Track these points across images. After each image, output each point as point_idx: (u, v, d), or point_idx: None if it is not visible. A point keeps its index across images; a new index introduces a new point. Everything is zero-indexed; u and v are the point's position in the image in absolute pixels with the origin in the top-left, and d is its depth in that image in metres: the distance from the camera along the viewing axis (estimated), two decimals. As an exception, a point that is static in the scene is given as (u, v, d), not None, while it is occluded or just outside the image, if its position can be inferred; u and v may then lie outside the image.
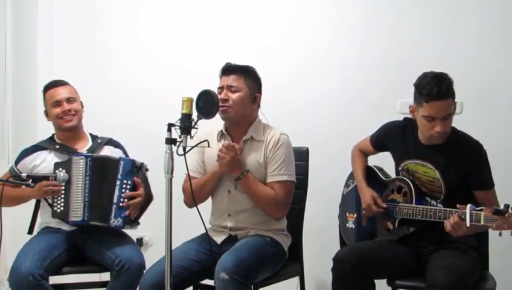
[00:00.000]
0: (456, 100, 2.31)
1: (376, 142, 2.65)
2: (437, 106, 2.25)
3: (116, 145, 2.83)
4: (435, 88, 2.23)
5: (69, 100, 2.71)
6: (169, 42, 3.61)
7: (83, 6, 3.75)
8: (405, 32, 3.20)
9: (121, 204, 2.54)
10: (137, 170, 2.63)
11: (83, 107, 2.80)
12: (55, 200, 2.56)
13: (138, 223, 2.69)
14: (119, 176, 2.57)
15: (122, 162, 2.60)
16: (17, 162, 2.72)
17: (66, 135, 2.74)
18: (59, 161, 2.64)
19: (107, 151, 2.76)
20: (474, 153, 2.35)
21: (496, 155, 2.41)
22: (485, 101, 3.01)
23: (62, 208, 2.55)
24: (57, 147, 2.72)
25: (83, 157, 2.59)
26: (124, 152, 2.82)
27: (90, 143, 2.78)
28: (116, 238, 2.62)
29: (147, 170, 2.70)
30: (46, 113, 2.76)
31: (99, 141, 2.80)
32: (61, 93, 2.72)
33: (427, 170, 2.40)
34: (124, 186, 2.57)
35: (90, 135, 2.84)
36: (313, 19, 3.37)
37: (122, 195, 2.55)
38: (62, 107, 2.69)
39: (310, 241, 2.86)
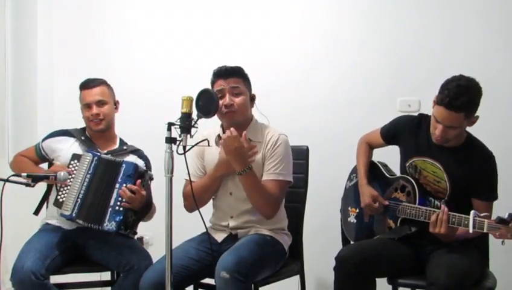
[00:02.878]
0: (477, 114, 2.25)
1: (387, 134, 2.60)
2: (444, 113, 2.21)
3: (141, 156, 2.78)
4: (448, 98, 2.18)
5: (99, 103, 2.68)
6: (169, 42, 3.61)
7: (83, 6, 3.75)
8: (405, 32, 3.21)
9: (116, 208, 2.46)
10: (139, 175, 2.52)
11: (117, 107, 2.78)
12: (61, 189, 2.54)
13: (135, 233, 2.62)
14: (119, 179, 2.49)
15: (124, 165, 2.52)
16: (44, 139, 2.74)
17: (95, 133, 2.74)
18: (79, 152, 2.63)
19: (130, 159, 2.68)
20: (485, 164, 2.33)
21: (496, 155, 2.40)
22: (485, 101, 3.00)
23: (64, 199, 2.52)
24: (82, 138, 2.72)
25: (90, 154, 2.57)
26: (147, 166, 2.75)
27: (116, 147, 2.76)
28: (122, 239, 2.59)
29: (151, 179, 2.63)
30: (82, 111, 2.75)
31: (125, 147, 2.77)
32: (92, 95, 2.68)
33: (436, 170, 2.38)
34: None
35: (121, 140, 2.81)
36: (313, 19, 3.38)
37: (120, 192, 2.44)
38: (91, 111, 2.67)
39: (310, 240, 2.85)
